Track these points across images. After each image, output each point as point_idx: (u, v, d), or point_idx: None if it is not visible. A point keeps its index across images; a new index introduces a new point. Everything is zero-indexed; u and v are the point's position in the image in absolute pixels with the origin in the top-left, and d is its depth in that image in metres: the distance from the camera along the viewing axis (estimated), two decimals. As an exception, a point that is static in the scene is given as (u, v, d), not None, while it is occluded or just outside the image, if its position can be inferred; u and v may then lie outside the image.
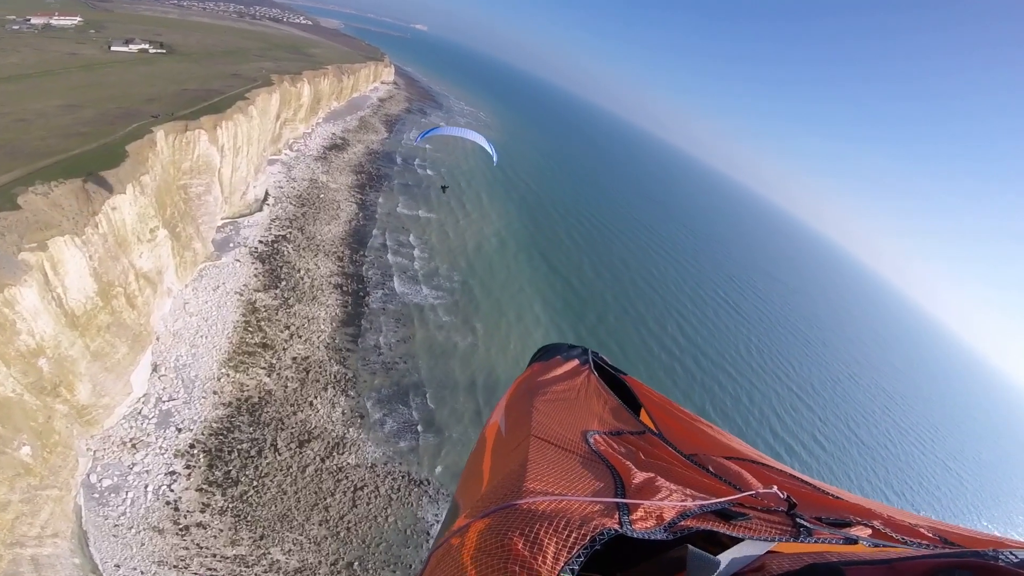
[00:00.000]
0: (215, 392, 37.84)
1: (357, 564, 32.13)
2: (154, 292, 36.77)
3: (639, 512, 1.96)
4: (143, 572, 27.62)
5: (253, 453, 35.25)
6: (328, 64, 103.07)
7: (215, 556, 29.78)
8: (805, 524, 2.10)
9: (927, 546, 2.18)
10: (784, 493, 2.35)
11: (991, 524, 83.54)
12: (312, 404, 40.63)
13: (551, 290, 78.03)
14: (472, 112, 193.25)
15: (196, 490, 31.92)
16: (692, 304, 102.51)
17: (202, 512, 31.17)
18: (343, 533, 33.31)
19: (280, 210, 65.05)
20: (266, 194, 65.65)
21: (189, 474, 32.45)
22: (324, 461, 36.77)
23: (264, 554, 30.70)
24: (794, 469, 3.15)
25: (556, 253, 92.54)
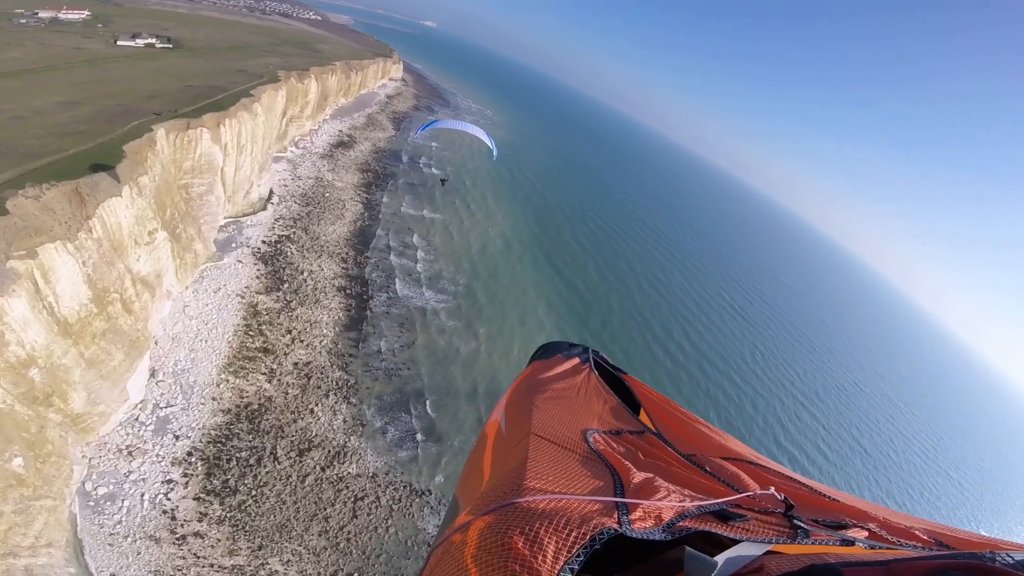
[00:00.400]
0: (214, 398, 37.22)
1: (357, 575, 31.71)
2: (152, 296, 36.13)
3: (638, 512, 1.95)
4: (139, 583, 27.24)
5: (252, 462, 34.71)
6: (336, 60, 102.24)
7: (212, 566, 29.40)
8: (802, 526, 2.12)
9: (922, 548, 2.21)
10: (781, 494, 2.37)
11: (990, 535, 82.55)
12: (313, 411, 40.00)
13: (555, 294, 77.20)
14: (479, 110, 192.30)
15: (194, 499, 31.45)
16: (697, 308, 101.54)
17: (199, 521, 30.74)
18: (343, 544, 32.86)
19: (284, 209, 64.27)
20: (270, 193, 64.80)
21: (187, 483, 31.95)
22: (324, 470, 36.21)
23: (262, 564, 30.32)
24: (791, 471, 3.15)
25: (561, 255, 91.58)
